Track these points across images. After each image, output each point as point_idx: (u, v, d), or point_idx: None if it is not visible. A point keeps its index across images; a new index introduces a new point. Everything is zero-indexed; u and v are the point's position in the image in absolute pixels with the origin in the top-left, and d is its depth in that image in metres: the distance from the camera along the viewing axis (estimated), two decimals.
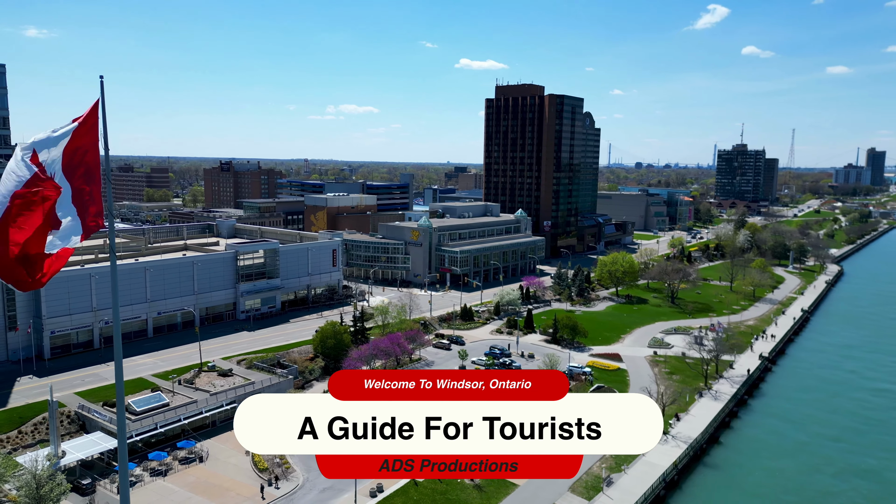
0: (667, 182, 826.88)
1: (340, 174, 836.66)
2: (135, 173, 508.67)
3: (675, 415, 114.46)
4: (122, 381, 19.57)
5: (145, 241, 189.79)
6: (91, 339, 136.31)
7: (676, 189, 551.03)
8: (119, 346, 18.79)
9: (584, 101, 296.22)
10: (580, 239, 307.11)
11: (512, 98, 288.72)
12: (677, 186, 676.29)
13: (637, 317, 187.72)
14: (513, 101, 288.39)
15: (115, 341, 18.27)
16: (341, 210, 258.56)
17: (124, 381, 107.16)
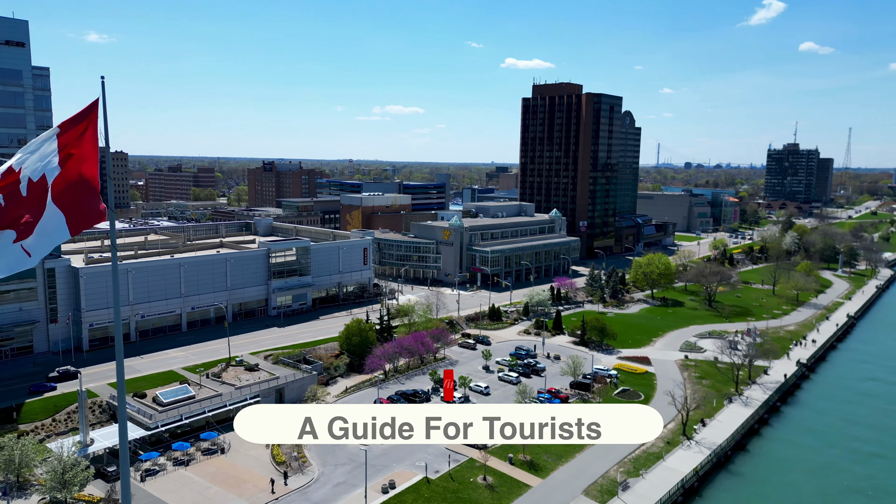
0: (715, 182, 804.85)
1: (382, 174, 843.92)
2: (183, 173, 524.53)
3: (700, 420, 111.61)
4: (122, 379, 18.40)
5: (184, 238, 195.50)
6: (128, 332, 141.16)
7: (723, 189, 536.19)
8: (120, 344, 18.48)
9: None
10: (618, 240, 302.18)
11: (549, 97, 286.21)
12: (726, 187, 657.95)
13: (671, 320, 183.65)
14: (549, 99, 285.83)
15: (117, 340, 18.04)
16: (376, 209, 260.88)
17: (155, 374, 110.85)
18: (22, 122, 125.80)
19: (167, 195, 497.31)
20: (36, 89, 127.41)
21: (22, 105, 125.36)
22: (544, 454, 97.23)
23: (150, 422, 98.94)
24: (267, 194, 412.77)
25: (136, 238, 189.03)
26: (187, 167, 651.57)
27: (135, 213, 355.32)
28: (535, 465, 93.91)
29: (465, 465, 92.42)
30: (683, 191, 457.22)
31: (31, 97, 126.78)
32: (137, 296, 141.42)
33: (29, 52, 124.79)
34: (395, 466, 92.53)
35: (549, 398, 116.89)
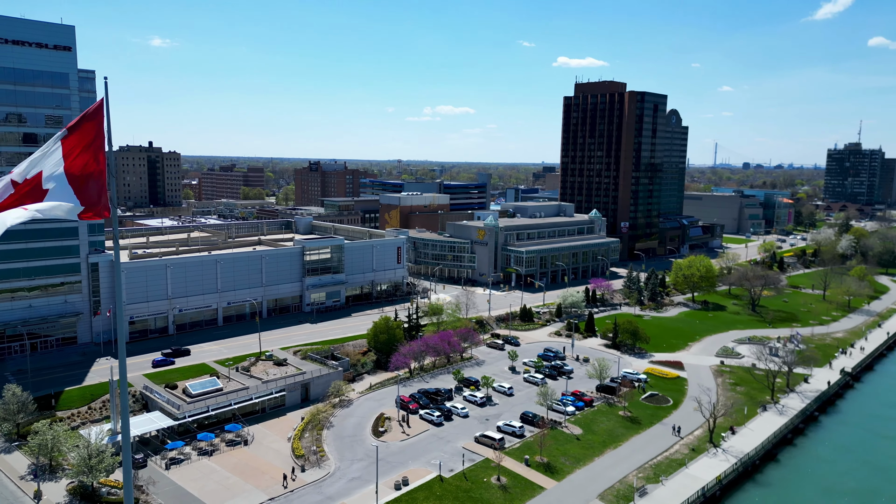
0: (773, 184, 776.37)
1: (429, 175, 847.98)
2: (233, 172, 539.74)
3: (729, 428, 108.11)
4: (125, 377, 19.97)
5: (225, 235, 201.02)
6: (166, 325, 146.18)
7: (780, 191, 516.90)
8: (122, 341, 19.98)
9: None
10: (661, 241, 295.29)
11: (591, 95, 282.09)
12: (784, 188, 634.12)
13: (710, 324, 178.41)
14: (591, 98, 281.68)
15: (119, 337, 18.50)
16: (414, 209, 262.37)
17: (188, 366, 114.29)
18: (68, 122, 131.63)
19: (218, 194, 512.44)
20: (82, 91, 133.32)
21: (69, 107, 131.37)
22: (562, 457, 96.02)
23: (178, 412, 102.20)
24: (313, 193, 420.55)
25: (179, 235, 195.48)
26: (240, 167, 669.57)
27: (185, 210, 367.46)
28: (552, 467, 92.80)
29: (479, 465, 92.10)
30: (735, 192, 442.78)
31: (77, 99, 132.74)
32: (175, 290, 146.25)
33: (75, 56, 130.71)
34: (411, 464, 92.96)
35: (573, 401, 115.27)
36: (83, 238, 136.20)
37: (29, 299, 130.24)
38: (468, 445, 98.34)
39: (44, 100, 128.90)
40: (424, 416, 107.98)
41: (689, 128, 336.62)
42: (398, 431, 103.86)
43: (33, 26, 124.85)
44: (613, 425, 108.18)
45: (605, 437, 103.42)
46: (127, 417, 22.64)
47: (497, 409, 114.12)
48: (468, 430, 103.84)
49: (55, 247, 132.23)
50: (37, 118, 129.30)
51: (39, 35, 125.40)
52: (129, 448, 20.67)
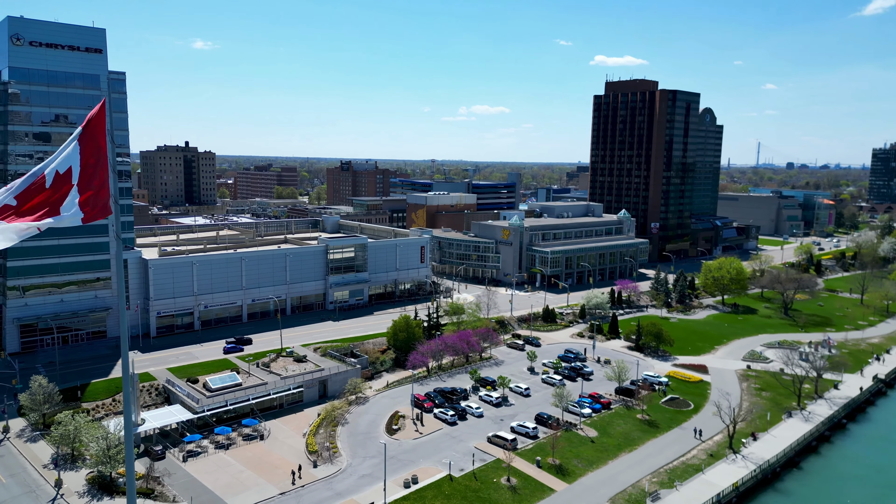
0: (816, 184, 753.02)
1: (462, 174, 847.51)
2: (268, 172, 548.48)
3: (751, 434, 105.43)
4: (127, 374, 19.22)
5: (253, 233, 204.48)
6: (191, 321, 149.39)
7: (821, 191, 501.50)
8: (125, 338, 19.82)
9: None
10: (693, 243, 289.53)
11: (621, 94, 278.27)
12: (828, 188, 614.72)
13: (739, 327, 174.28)
14: (622, 97, 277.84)
15: (122, 334, 19.60)
16: (440, 208, 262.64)
17: (210, 361, 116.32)
18: None
19: (253, 193, 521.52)
20: (112, 92, 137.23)
21: None
22: (575, 459, 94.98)
23: (197, 406, 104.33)
24: (344, 193, 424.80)
25: (209, 233, 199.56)
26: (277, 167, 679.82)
27: (220, 209, 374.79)
28: (564, 469, 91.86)
29: (490, 465, 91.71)
30: (773, 192, 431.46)
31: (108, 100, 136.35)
32: (201, 287, 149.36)
33: (106, 58, 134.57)
34: (422, 462, 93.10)
35: (590, 403, 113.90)
36: (113, 235, 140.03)
37: (61, 294, 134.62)
38: (480, 445, 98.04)
39: (76, 101, 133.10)
40: (438, 415, 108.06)
41: (724, 127, 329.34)
42: (412, 430, 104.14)
43: (66, 30, 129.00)
44: (630, 428, 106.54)
45: (621, 441, 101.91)
46: (129, 415, 22.06)
47: (513, 409, 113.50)
48: (482, 430, 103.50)
49: (86, 243, 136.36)
50: (70, 119, 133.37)
51: (72, 38, 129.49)
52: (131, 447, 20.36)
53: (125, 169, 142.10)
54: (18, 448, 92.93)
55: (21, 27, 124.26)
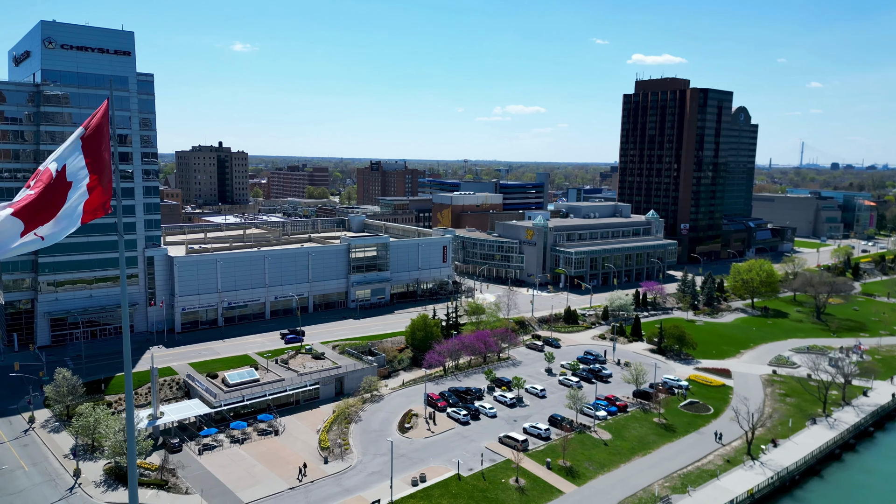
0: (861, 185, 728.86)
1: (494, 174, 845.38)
2: (300, 172, 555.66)
3: (771, 440, 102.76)
4: (129, 371, 20.51)
5: (279, 232, 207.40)
6: (215, 318, 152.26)
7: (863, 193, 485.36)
8: (127, 334, 19.98)
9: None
10: (725, 244, 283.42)
11: (651, 93, 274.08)
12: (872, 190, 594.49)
13: (768, 331, 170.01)
14: (652, 96, 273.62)
15: (124, 331, 19.71)
16: (466, 208, 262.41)
17: (231, 357, 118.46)
18: (127, 123, 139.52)
19: (286, 192, 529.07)
20: (140, 93, 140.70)
21: (127, 108, 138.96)
22: (586, 461, 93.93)
23: (214, 400, 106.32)
24: (374, 192, 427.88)
25: (236, 231, 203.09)
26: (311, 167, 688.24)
27: (252, 208, 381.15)
28: (574, 471, 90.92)
29: (500, 466, 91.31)
30: (811, 193, 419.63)
31: (136, 101, 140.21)
32: (225, 284, 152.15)
33: (134, 61, 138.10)
34: (432, 461, 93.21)
35: (606, 405, 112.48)
36: (140, 233, 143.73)
37: (90, 290, 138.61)
38: (491, 445, 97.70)
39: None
40: (451, 415, 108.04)
41: (759, 126, 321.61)
42: (424, 429, 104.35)
43: (96, 33, 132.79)
44: (645, 432, 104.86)
45: (635, 444, 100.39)
46: (131, 413, 22.32)
47: (527, 410, 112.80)
48: (494, 431, 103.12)
49: (115, 240, 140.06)
50: None
51: (101, 41, 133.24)
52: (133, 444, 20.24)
53: (152, 168, 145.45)
54: (42, 438, 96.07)
55: (53, 31, 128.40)
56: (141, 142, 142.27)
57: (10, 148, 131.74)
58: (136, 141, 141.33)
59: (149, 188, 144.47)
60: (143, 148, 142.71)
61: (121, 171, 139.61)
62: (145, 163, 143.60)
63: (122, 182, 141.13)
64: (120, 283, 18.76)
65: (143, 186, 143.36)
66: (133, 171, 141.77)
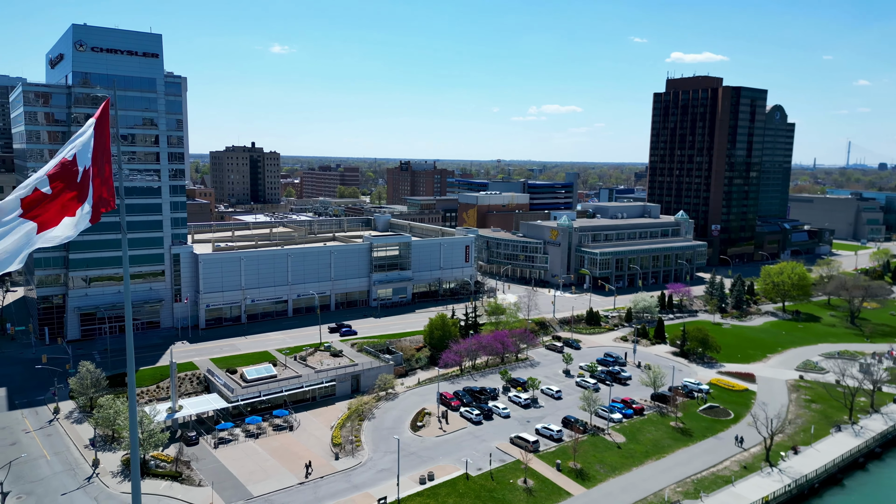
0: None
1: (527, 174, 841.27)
2: (332, 172, 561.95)
3: (792, 447, 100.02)
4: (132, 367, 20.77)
5: (306, 231, 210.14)
6: (239, 314, 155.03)
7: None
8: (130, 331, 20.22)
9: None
10: (758, 246, 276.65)
11: (682, 92, 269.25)
12: None
13: (798, 336, 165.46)
14: (682, 94, 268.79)
15: (127, 330, 20.01)
16: (491, 208, 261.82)
17: (252, 353, 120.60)
18: (155, 122, 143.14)
19: (318, 192, 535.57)
20: (168, 95, 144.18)
21: (155, 108, 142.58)
22: (597, 464, 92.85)
23: (231, 395, 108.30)
24: (403, 192, 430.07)
25: (263, 230, 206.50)
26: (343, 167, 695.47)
27: (283, 207, 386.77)
28: (584, 474, 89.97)
29: (509, 466, 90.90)
30: (852, 194, 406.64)
31: (164, 102, 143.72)
32: (248, 282, 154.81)
33: (162, 63, 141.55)
34: (442, 460, 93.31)
35: (622, 408, 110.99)
36: (167, 231, 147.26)
37: (118, 286, 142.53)
38: (502, 446, 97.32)
39: (134, 103, 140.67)
40: (464, 414, 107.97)
41: (795, 125, 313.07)
42: (436, 427, 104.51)
43: (125, 35, 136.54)
44: (661, 436, 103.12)
45: (649, 448, 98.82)
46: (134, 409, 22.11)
47: (541, 411, 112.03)
48: (506, 431, 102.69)
49: (142, 238, 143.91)
50: (128, 120, 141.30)
51: (130, 43, 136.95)
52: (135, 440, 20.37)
53: (180, 167, 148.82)
54: (65, 428, 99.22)
55: (84, 34, 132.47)
56: (168, 142, 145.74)
57: (57, 149, 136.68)
58: (164, 141, 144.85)
59: (176, 187, 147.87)
60: (170, 148, 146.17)
61: (149, 170, 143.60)
62: (172, 163, 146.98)
63: (151, 181, 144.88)
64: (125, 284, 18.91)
65: (169, 186, 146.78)
66: (161, 171, 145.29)
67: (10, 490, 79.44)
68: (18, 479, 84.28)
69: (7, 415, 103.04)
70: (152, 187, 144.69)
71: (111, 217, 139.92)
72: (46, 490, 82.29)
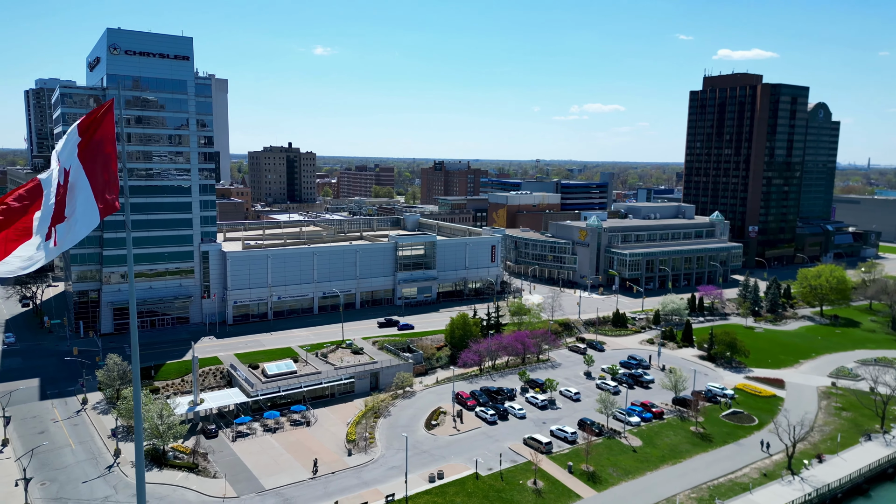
0: None
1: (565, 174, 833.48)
2: (367, 172, 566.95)
3: (816, 455, 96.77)
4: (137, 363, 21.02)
5: (335, 230, 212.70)
6: (266, 311, 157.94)
7: None
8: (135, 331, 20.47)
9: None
10: (799, 248, 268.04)
11: (719, 89, 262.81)
12: None
13: (834, 341, 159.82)
14: (720, 92, 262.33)
15: (132, 328, 20.51)
16: (522, 208, 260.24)
17: (275, 349, 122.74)
18: (185, 123, 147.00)
19: (354, 192, 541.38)
20: (198, 96, 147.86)
21: (185, 110, 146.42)
22: (611, 467, 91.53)
23: (251, 390, 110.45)
24: (437, 192, 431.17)
25: (293, 229, 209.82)
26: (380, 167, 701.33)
27: (319, 207, 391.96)
28: (596, 477, 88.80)
29: (520, 467, 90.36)
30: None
31: (194, 103, 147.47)
32: (275, 279, 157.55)
33: (192, 65, 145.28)
34: (453, 459, 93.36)
35: (640, 411, 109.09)
36: (196, 229, 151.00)
37: (150, 281, 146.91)
38: (514, 446, 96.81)
39: (165, 105, 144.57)
40: (479, 414, 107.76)
41: (840, 123, 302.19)
42: (450, 426, 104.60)
43: (157, 39, 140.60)
44: (679, 440, 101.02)
45: (666, 452, 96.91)
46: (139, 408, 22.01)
47: (558, 413, 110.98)
48: (521, 432, 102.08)
49: (172, 236, 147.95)
50: (159, 121, 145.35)
51: (162, 47, 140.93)
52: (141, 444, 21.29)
53: (209, 167, 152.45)
54: (91, 419, 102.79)
55: (118, 38, 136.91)
56: (198, 142, 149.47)
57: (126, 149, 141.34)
58: (193, 141, 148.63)
59: (205, 186, 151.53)
60: (200, 148, 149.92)
61: (179, 169, 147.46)
62: (202, 162, 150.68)
63: (180, 180, 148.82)
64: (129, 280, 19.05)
65: (199, 185, 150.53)
66: (191, 171, 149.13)
67: (34, 476, 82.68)
68: (44, 465, 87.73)
69: (38, 404, 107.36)
70: (182, 186, 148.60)
71: (141, 215, 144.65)
72: (69, 477, 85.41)
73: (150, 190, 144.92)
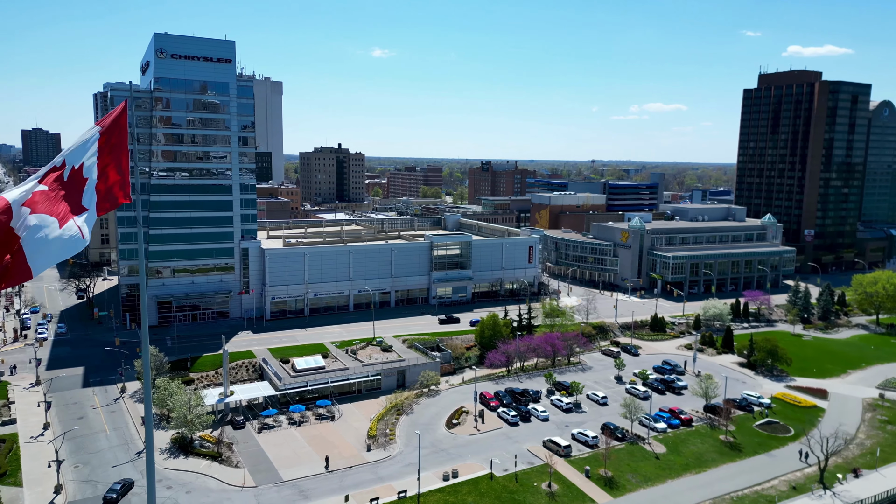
0: None
1: (620, 174, 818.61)
2: (416, 172, 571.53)
3: (852, 469, 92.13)
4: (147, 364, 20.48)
5: (375, 229, 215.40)
6: (303, 308, 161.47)
7: None
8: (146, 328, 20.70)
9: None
10: (859, 254, 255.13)
11: (775, 87, 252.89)
12: None
13: (888, 351, 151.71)
14: (775, 90, 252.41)
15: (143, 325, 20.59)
16: (565, 208, 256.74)
17: (308, 345, 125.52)
18: (227, 124, 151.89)
19: (402, 192, 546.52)
20: (240, 98, 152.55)
21: (228, 112, 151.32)
22: (630, 473, 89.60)
23: (279, 384, 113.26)
24: (483, 192, 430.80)
25: (334, 228, 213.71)
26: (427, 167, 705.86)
27: (366, 207, 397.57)
28: (614, 482, 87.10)
29: (536, 469, 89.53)
30: None
31: (235, 105, 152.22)
32: (312, 276, 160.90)
33: (234, 67, 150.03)
34: (470, 458, 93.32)
35: (667, 418, 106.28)
36: (237, 226, 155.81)
37: (192, 277, 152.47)
38: (533, 448, 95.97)
39: (207, 105, 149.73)
40: (501, 415, 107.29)
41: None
42: (471, 426, 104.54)
43: (201, 43, 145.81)
44: (706, 449, 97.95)
45: (690, 460, 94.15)
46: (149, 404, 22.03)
47: (583, 416, 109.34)
48: (542, 434, 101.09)
49: (213, 233, 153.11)
50: (201, 122, 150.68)
51: (206, 50, 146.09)
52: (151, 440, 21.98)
53: (249, 166, 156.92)
54: (128, 406, 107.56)
55: (165, 42, 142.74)
56: (239, 142, 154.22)
57: (172, 149, 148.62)
58: (235, 142, 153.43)
59: (246, 186, 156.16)
60: (241, 148, 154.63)
61: (220, 168, 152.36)
62: (243, 162, 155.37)
63: (221, 180, 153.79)
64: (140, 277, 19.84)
65: (240, 184, 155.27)
66: (231, 170, 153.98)
67: (65, 458, 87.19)
68: (79, 449, 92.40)
69: (80, 391, 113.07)
70: (223, 185, 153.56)
71: (187, 213, 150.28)
72: (100, 461, 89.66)
73: (191, 188, 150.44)
